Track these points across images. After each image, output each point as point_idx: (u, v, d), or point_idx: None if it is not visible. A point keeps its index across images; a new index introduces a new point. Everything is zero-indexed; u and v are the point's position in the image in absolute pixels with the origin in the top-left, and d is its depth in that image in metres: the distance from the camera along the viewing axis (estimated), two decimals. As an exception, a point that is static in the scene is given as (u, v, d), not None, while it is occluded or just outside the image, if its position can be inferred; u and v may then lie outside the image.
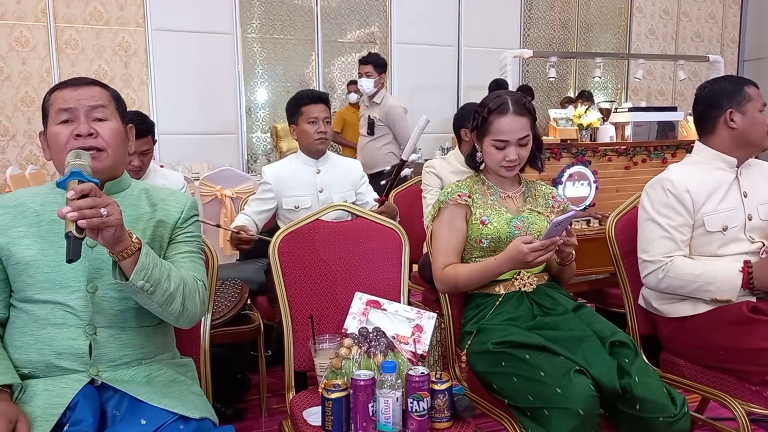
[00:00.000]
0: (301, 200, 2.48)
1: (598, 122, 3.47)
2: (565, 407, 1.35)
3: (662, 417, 1.39)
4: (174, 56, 5.72)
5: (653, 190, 1.80)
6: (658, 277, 1.75)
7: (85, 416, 1.20)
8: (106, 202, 1.13)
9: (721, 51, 8.02)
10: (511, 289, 1.71)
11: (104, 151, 1.30)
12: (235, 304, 2.24)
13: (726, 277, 1.69)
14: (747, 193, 1.80)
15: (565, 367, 1.41)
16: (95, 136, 1.29)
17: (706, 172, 1.80)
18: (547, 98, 7.33)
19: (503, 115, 1.69)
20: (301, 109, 2.49)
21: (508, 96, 1.73)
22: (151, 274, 1.19)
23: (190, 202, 1.43)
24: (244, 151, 6.16)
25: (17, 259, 1.28)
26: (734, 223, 1.76)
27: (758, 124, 1.77)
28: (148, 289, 1.20)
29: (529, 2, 7.19)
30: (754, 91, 1.79)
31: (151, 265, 1.20)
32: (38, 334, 1.26)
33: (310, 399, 1.62)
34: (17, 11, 5.26)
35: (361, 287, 1.78)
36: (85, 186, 1.12)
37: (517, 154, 1.71)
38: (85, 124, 1.28)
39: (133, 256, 1.18)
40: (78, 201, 1.10)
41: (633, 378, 1.43)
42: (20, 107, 5.37)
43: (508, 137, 1.69)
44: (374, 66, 4.09)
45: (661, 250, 1.74)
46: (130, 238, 1.18)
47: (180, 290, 1.27)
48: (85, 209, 1.09)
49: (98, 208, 1.11)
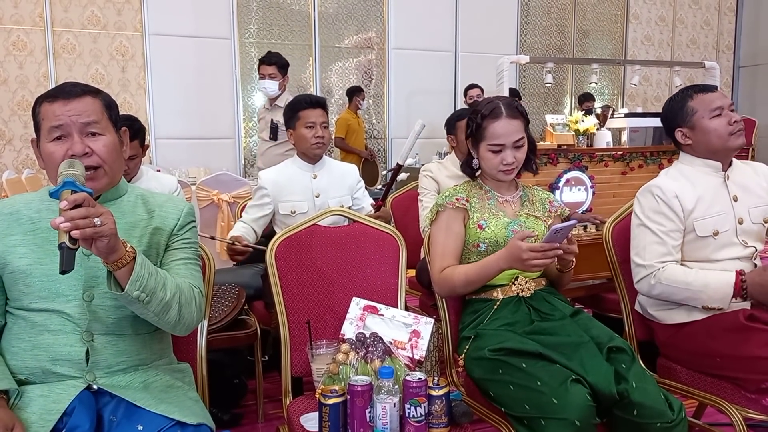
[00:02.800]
0: (297, 205, 2.48)
1: (595, 128, 3.48)
2: (561, 417, 1.34)
3: (660, 422, 1.39)
4: (171, 61, 5.72)
5: (644, 196, 1.82)
6: (650, 283, 1.75)
7: (81, 422, 1.19)
8: (100, 211, 1.11)
9: (716, 57, 8.07)
10: (508, 294, 1.71)
11: (100, 169, 1.29)
12: (231, 309, 2.24)
13: (717, 285, 1.69)
14: (737, 197, 1.80)
15: (561, 377, 1.41)
16: (90, 155, 1.27)
17: (693, 178, 1.82)
18: (544, 104, 7.36)
19: (497, 120, 1.70)
20: (299, 114, 2.50)
21: (499, 101, 1.75)
22: (146, 284, 1.18)
23: (186, 209, 1.43)
24: (240, 156, 6.16)
25: (13, 268, 1.27)
26: (725, 227, 1.76)
27: (710, 132, 1.79)
28: (143, 299, 1.19)
29: (526, 8, 7.22)
30: (698, 101, 1.81)
31: (146, 275, 1.18)
32: (35, 341, 1.26)
33: (307, 404, 1.61)
34: (14, 15, 5.26)
35: (358, 292, 1.78)
36: (78, 196, 1.11)
37: (514, 156, 1.71)
38: (79, 143, 1.26)
39: (127, 265, 1.16)
40: (71, 211, 1.09)
41: (630, 383, 1.43)
42: (17, 111, 5.37)
43: (504, 141, 1.70)
44: (278, 67, 3.85)
45: (653, 256, 1.75)
46: (124, 247, 1.16)
47: (176, 299, 1.26)
48: (78, 219, 1.08)
49: (91, 218, 1.09)
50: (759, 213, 1.81)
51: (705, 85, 1.86)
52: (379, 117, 6.84)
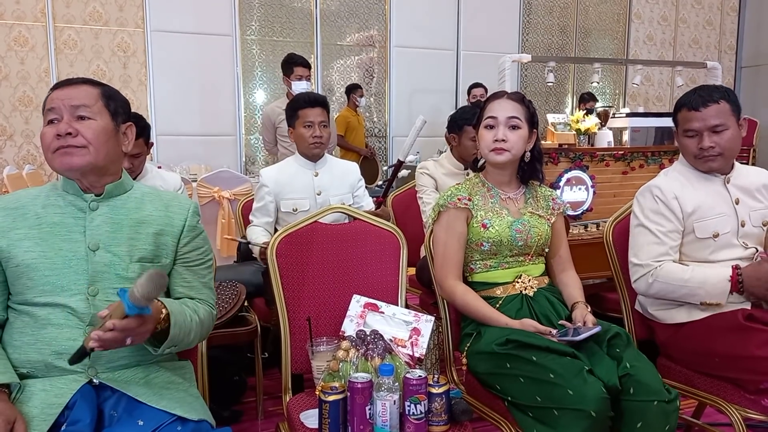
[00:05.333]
0: (299, 203, 2.48)
1: (596, 127, 3.48)
2: (578, 408, 1.34)
3: (657, 401, 1.39)
4: (173, 57, 5.71)
5: (643, 196, 1.83)
6: (647, 282, 1.76)
7: (82, 416, 1.20)
8: (136, 332, 1.14)
9: (718, 58, 8.05)
10: (511, 292, 1.71)
11: (84, 148, 1.29)
12: (232, 306, 2.24)
13: (715, 281, 1.70)
14: (739, 200, 1.81)
15: (575, 368, 1.41)
16: (74, 135, 1.28)
17: (694, 179, 1.82)
18: (545, 103, 7.34)
19: (497, 99, 1.75)
20: (298, 113, 2.50)
21: (506, 92, 1.78)
22: (178, 342, 1.27)
23: (192, 207, 1.44)
24: (241, 153, 6.16)
25: (17, 261, 1.27)
26: (725, 229, 1.77)
27: (682, 147, 1.84)
28: (172, 350, 1.29)
29: (528, 7, 7.21)
30: (681, 116, 1.82)
31: (178, 335, 1.26)
32: (38, 334, 1.26)
33: (306, 401, 1.62)
34: (16, 11, 5.25)
35: (358, 290, 1.78)
36: (119, 330, 1.11)
37: (505, 135, 1.70)
38: (65, 124, 1.28)
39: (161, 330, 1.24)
40: (107, 335, 1.10)
41: (625, 363, 1.44)
42: (18, 107, 5.36)
43: (497, 114, 1.72)
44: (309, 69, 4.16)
45: (650, 255, 1.76)
46: (159, 314, 1.22)
47: (197, 334, 1.35)
48: (110, 342, 1.12)
49: (126, 337, 1.13)
50: (759, 216, 1.82)
51: (701, 98, 1.78)
52: (380, 115, 6.84)
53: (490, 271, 1.75)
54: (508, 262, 1.74)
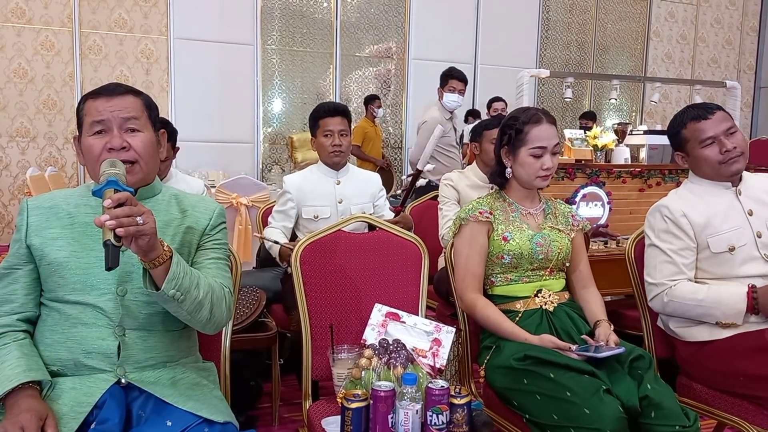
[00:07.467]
0: (320, 210, 2.51)
1: (613, 144, 3.48)
2: (594, 428, 1.34)
3: (678, 426, 1.39)
4: (194, 65, 5.80)
5: (653, 216, 1.85)
6: (663, 301, 1.77)
7: (111, 415, 1.22)
8: (142, 210, 1.14)
9: (737, 77, 8.03)
10: (531, 306, 1.72)
11: (137, 164, 1.32)
12: (253, 311, 2.26)
13: (730, 301, 1.70)
14: (752, 211, 1.81)
15: (593, 387, 1.41)
16: (128, 149, 1.30)
17: (704, 195, 1.83)
18: (562, 118, 7.35)
19: (539, 124, 1.73)
20: (319, 122, 2.53)
21: (535, 108, 1.78)
22: (181, 283, 1.20)
23: (218, 210, 1.46)
24: (258, 161, 6.22)
25: (50, 260, 1.30)
26: (741, 242, 1.76)
27: (702, 161, 1.82)
28: (178, 298, 1.21)
29: (546, 23, 7.24)
30: (690, 130, 1.81)
31: (181, 274, 1.21)
32: (69, 333, 1.28)
33: (326, 408, 1.63)
34: (44, 16, 5.36)
35: (380, 299, 1.79)
36: (121, 195, 1.14)
37: (552, 162, 1.73)
38: (118, 138, 1.30)
39: (164, 264, 1.19)
40: (115, 210, 1.11)
41: (645, 384, 1.44)
42: (42, 110, 5.46)
43: (546, 143, 1.72)
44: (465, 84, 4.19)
45: (663, 274, 1.77)
46: (161, 246, 1.19)
47: (208, 298, 1.28)
48: (122, 218, 1.11)
49: (134, 216, 1.12)
50: None
51: (702, 110, 1.81)
52: (396, 126, 6.88)
53: (511, 284, 1.76)
54: (529, 276, 1.75)
